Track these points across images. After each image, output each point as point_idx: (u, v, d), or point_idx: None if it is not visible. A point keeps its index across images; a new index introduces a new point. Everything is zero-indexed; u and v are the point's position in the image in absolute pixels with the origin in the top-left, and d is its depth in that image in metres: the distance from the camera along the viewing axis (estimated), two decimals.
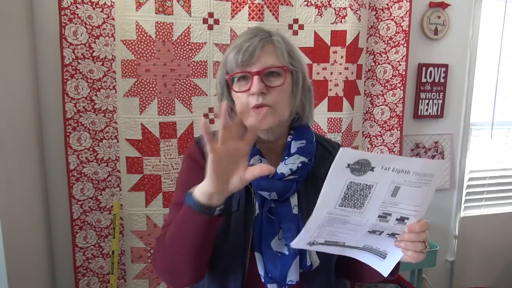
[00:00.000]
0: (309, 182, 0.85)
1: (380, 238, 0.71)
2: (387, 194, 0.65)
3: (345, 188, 0.64)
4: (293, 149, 0.84)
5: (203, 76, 1.55)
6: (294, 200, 0.83)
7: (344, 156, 0.61)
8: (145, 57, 1.45)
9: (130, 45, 1.43)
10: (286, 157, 0.83)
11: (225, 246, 0.80)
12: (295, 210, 0.81)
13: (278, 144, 0.88)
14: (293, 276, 0.77)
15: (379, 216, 0.67)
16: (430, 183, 0.64)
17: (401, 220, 0.68)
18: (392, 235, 0.71)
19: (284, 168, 0.82)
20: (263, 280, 0.79)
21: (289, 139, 0.86)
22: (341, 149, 0.61)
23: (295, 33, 1.63)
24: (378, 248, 0.73)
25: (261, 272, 0.78)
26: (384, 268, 0.74)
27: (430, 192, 0.66)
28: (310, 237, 0.70)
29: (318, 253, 0.81)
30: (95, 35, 1.42)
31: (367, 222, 0.68)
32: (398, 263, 0.77)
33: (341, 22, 1.66)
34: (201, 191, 0.68)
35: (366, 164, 0.62)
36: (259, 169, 0.67)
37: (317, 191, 0.84)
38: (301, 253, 0.79)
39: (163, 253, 0.77)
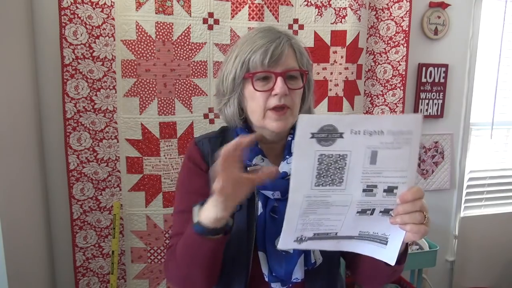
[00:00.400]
0: None
1: (374, 219, 0.64)
2: (365, 162, 0.58)
3: (317, 163, 0.57)
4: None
5: (203, 76, 1.55)
6: None
7: (305, 125, 0.55)
8: (145, 57, 1.45)
9: (130, 45, 1.43)
10: (287, 156, 0.84)
11: (228, 247, 0.80)
12: None
13: (279, 144, 0.88)
14: (298, 274, 0.78)
15: (364, 190, 0.60)
16: (410, 141, 0.57)
17: (390, 191, 0.61)
18: (386, 212, 0.63)
19: (286, 167, 0.82)
20: (267, 279, 0.79)
21: (289, 138, 0.87)
22: (299, 116, 0.55)
23: (295, 33, 1.63)
24: (376, 233, 0.65)
25: (265, 271, 0.79)
26: (389, 255, 0.65)
27: (414, 152, 0.58)
28: (295, 230, 0.64)
29: (321, 250, 0.81)
30: (95, 35, 1.42)
31: (353, 199, 0.61)
32: (406, 250, 0.73)
33: (341, 22, 1.66)
34: (209, 218, 0.68)
35: (332, 130, 0.55)
36: (263, 175, 0.67)
37: None
38: (306, 251, 0.79)
39: (176, 268, 0.78)
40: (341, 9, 1.65)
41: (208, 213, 0.67)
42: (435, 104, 1.98)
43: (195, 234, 0.69)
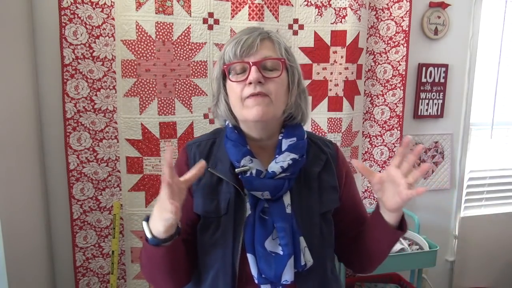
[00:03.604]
0: (301, 180, 0.85)
1: None
2: None
3: None
4: (284, 147, 0.84)
5: (203, 76, 1.55)
6: (287, 199, 0.82)
7: None
8: (145, 57, 1.45)
9: (130, 45, 1.43)
10: (277, 156, 0.83)
11: (214, 252, 0.80)
12: (288, 210, 0.81)
13: (270, 143, 0.87)
14: (288, 275, 0.77)
15: None
16: None
17: None
18: None
19: (275, 166, 0.81)
20: (256, 281, 0.78)
21: (280, 137, 0.86)
22: None
23: (295, 33, 1.63)
24: None
25: (254, 273, 0.78)
26: None
27: None
28: None
29: (312, 252, 0.80)
30: (95, 35, 1.42)
31: None
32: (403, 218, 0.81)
33: (341, 22, 1.66)
34: (159, 231, 0.73)
35: None
36: (192, 172, 0.74)
37: (309, 189, 0.83)
38: (296, 253, 0.78)
39: (146, 275, 0.85)
40: (341, 9, 1.65)
41: (157, 226, 0.72)
42: (435, 104, 1.98)
43: (151, 247, 0.75)
